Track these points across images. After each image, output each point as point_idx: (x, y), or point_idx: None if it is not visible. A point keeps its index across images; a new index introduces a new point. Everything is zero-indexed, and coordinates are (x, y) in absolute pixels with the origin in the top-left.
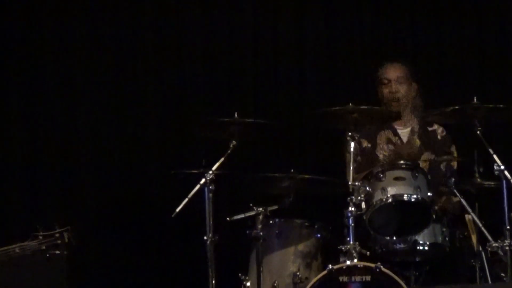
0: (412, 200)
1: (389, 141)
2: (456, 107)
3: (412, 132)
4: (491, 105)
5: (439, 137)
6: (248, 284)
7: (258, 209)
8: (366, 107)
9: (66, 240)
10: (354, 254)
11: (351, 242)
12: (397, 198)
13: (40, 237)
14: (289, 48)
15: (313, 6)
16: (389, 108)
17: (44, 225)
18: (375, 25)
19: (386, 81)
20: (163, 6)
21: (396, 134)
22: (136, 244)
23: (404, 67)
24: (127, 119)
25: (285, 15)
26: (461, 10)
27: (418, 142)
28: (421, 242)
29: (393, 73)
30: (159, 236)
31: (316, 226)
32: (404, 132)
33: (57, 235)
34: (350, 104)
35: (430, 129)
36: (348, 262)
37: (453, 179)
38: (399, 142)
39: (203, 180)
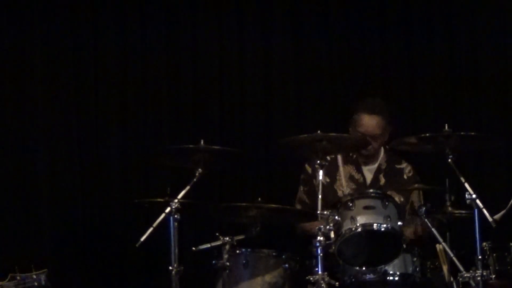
0: (382, 229)
1: (351, 178)
2: (428, 135)
3: (378, 170)
4: (462, 133)
5: (405, 176)
6: None
7: (225, 238)
8: (335, 134)
9: (43, 282)
10: (322, 285)
11: (320, 273)
12: (366, 227)
13: (18, 278)
14: (255, 75)
15: (280, 32)
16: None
17: (20, 266)
18: (344, 51)
19: (360, 133)
20: (127, 32)
21: (359, 171)
22: (100, 274)
23: (381, 120)
24: (89, 147)
25: (252, 41)
26: (432, 36)
27: (383, 180)
28: (391, 272)
29: (371, 129)
30: (123, 266)
31: (283, 256)
32: (368, 170)
33: (34, 276)
34: (319, 131)
35: (397, 166)
36: None
37: (424, 208)
38: (361, 180)
39: (168, 209)
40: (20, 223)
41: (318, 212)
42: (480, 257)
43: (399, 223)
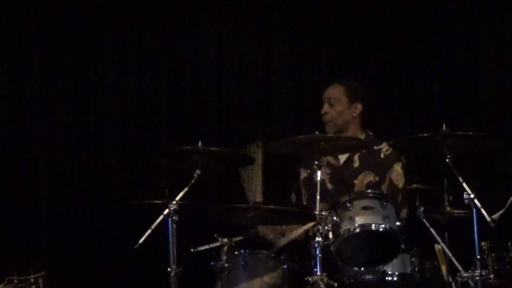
0: (380, 230)
1: (328, 164)
2: (425, 134)
3: (353, 152)
4: (460, 133)
5: (382, 155)
6: None
7: (223, 240)
8: (332, 135)
9: (41, 285)
10: (321, 286)
11: (318, 273)
12: (365, 228)
13: (16, 281)
14: (253, 76)
15: (279, 33)
16: (326, 130)
17: (18, 269)
18: (342, 52)
19: (321, 104)
20: (125, 33)
21: (335, 156)
22: (99, 277)
23: (340, 86)
24: (87, 149)
25: (250, 42)
26: (430, 35)
27: (357, 161)
28: (390, 272)
29: (325, 94)
30: (121, 268)
31: (282, 257)
32: (343, 155)
33: (32, 279)
34: (317, 132)
35: (375, 148)
36: None
37: (423, 208)
38: (337, 164)
39: (166, 211)
40: (18, 225)
41: (316, 212)
42: (478, 256)
43: (398, 223)
